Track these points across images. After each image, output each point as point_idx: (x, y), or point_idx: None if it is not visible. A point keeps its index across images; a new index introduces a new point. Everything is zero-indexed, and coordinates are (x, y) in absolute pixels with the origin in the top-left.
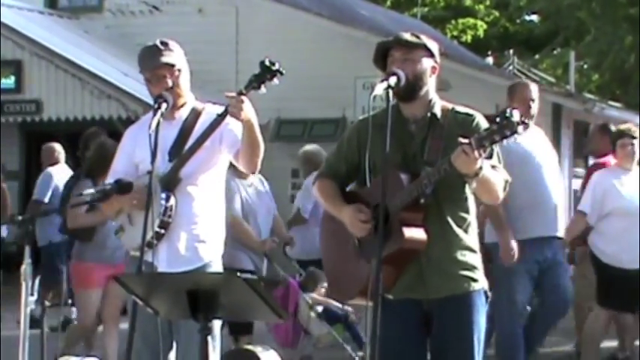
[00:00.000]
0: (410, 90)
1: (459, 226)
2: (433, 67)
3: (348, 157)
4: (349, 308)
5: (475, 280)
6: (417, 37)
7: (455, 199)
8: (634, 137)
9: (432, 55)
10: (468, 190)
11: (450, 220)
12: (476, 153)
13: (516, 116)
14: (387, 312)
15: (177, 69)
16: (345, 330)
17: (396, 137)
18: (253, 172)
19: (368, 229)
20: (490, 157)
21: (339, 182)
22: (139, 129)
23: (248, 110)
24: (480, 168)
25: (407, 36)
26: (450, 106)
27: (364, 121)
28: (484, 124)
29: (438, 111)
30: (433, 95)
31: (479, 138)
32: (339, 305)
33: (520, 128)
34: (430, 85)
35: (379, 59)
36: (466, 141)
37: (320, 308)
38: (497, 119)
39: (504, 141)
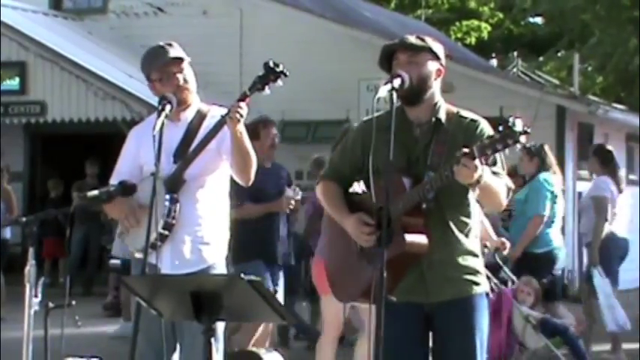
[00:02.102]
0: (415, 93)
1: (461, 231)
2: (438, 70)
3: (351, 159)
4: (568, 321)
5: (477, 284)
6: (422, 39)
7: (457, 205)
8: None
9: (437, 57)
10: (470, 196)
11: (451, 224)
12: (477, 162)
13: (519, 125)
14: (389, 314)
15: (185, 63)
16: (565, 344)
17: (400, 141)
18: (247, 183)
19: (371, 240)
20: (494, 163)
21: (343, 184)
22: (143, 130)
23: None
24: (481, 176)
25: (412, 39)
26: (454, 110)
27: (368, 123)
28: (488, 130)
29: (442, 115)
30: (438, 98)
31: (481, 146)
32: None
33: (523, 137)
34: (435, 88)
35: (384, 62)
36: (466, 150)
37: (536, 319)
38: (500, 128)
39: (506, 150)
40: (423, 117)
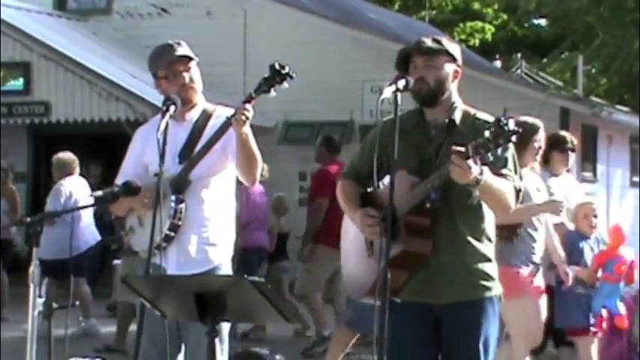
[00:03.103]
0: (433, 95)
1: (471, 234)
2: (455, 72)
3: (370, 158)
4: None
5: (487, 288)
6: (439, 42)
7: (466, 206)
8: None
9: (454, 59)
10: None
11: (461, 226)
12: (470, 161)
13: (511, 125)
14: (396, 314)
15: (191, 62)
16: None
17: (415, 141)
18: (252, 184)
19: (376, 232)
20: (504, 165)
21: (361, 183)
22: (149, 130)
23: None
24: (479, 176)
25: (429, 42)
26: (472, 111)
27: (387, 123)
28: None
29: (457, 116)
30: (455, 99)
31: (475, 146)
32: None
33: (514, 137)
34: (453, 90)
35: (401, 65)
36: (460, 149)
37: None
38: (492, 128)
39: (499, 149)
40: (440, 118)
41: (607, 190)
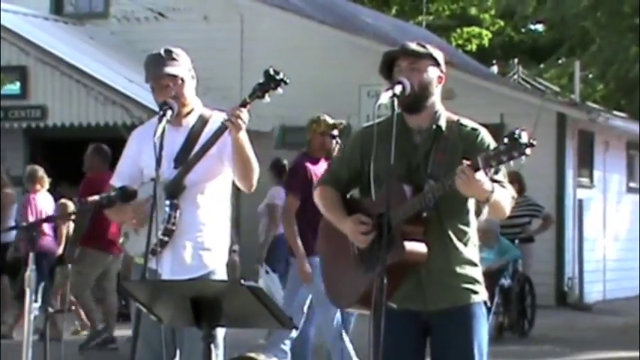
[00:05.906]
0: (416, 100)
1: (459, 240)
2: (439, 77)
3: (350, 164)
4: None
5: (475, 292)
6: (423, 46)
7: (456, 213)
8: None
9: (438, 64)
10: (469, 205)
11: (450, 233)
12: (480, 173)
13: (524, 138)
14: (386, 321)
15: (180, 79)
16: None
17: (400, 148)
18: (249, 190)
19: (369, 240)
20: (497, 172)
21: (341, 189)
22: (145, 133)
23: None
24: (491, 192)
25: (413, 45)
26: (455, 117)
27: (368, 129)
28: (488, 139)
29: (443, 123)
30: (439, 106)
31: (486, 158)
32: None
33: (528, 150)
34: (436, 95)
35: (385, 69)
36: (468, 163)
37: None
38: (505, 140)
39: (511, 162)
40: (424, 124)
41: (604, 196)
